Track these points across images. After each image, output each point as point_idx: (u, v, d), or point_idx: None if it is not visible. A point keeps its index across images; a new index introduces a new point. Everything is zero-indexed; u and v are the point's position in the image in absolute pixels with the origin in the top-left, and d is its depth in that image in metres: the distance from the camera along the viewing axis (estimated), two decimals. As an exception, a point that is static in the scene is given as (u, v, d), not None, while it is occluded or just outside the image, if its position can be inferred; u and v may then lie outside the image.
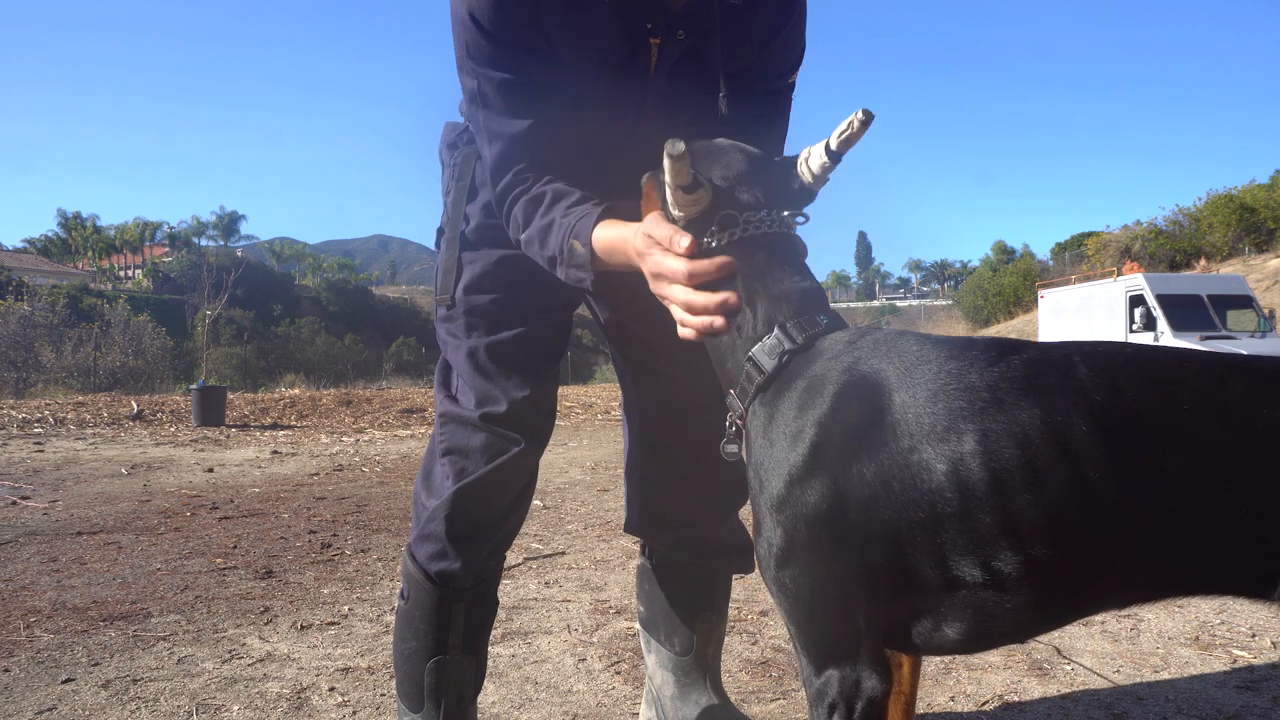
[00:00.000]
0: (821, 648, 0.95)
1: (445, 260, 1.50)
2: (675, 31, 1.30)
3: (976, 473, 0.85)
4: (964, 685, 2.02)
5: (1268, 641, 2.32)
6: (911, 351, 0.96)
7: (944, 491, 0.87)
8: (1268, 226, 27.47)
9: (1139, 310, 14.61)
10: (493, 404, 1.43)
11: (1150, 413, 0.84)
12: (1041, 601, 0.88)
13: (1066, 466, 0.84)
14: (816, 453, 0.94)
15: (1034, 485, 0.84)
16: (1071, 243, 38.97)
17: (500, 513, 1.48)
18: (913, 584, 0.91)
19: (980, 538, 0.86)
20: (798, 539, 0.94)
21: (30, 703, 1.95)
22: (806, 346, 1.03)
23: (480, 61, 1.26)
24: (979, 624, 0.90)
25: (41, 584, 2.97)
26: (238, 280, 24.16)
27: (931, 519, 0.88)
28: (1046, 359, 0.91)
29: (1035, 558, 0.85)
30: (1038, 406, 0.86)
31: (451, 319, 1.48)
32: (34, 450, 7.38)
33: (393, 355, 35.30)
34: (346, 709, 1.93)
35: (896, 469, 0.89)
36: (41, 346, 19.04)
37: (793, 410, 0.99)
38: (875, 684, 0.93)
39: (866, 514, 0.90)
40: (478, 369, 1.45)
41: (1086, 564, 0.86)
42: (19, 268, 42.37)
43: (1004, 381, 0.89)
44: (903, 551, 0.89)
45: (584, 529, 3.99)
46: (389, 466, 6.54)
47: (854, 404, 0.94)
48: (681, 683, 1.71)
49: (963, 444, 0.87)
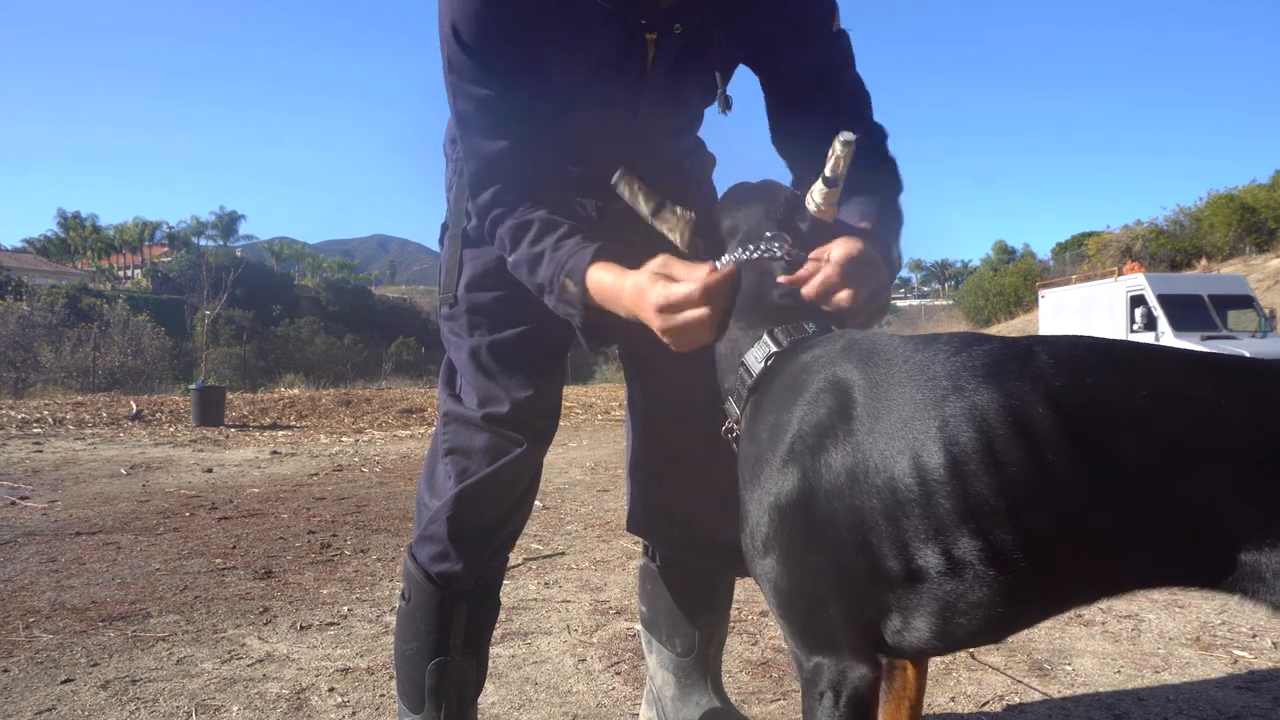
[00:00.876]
0: (806, 636, 0.98)
1: (448, 257, 1.49)
2: (672, 25, 1.28)
3: (935, 458, 0.87)
4: (964, 686, 2.02)
5: (1269, 642, 2.31)
6: (884, 348, 0.99)
7: (904, 479, 0.88)
8: (1268, 226, 27.48)
9: (1140, 310, 14.61)
10: (495, 404, 1.42)
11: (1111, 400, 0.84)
12: (1007, 594, 0.88)
13: (1025, 450, 0.84)
14: (790, 446, 0.98)
15: (993, 468, 0.85)
16: (1072, 242, 38.99)
17: (503, 514, 1.47)
18: (880, 577, 0.92)
19: (939, 525, 0.87)
20: (774, 530, 0.98)
21: (29, 703, 1.94)
22: (791, 350, 1.09)
23: (462, 77, 1.25)
24: (946, 620, 0.91)
25: (40, 584, 2.97)
26: (237, 280, 24.18)
27: (893, 507, 0.89)
28: (1010, 349, 0.92)
29: (996, 544, 0.85)
30: (997, 392, 0.87)
31: (454, 317, 1.47)
32: (33, 450, 7.37)
33: (392, 355, 35.28)
34: (346, 709, 1.92)
35: (860, 460, 0.92)
36: (40, 346, 19.02)
37: (772, 407, 1.05)
38: (862, 672, 0.95)
39: (833, 505, 0.93)
40: (480, 368, 1.44)
41: (1052, 552, 0.86)
42: (18, 267, 42.37)
43: (965, 370, 0.90)
44: (868, 543, 0.91)
45: (584, 529, 3.98)
46: (388, 467, 6.54)
47: (825, 399, 0.97)
48: (682, 683, 1.70)
49: (923, 431, 0.88)
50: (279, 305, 43.33)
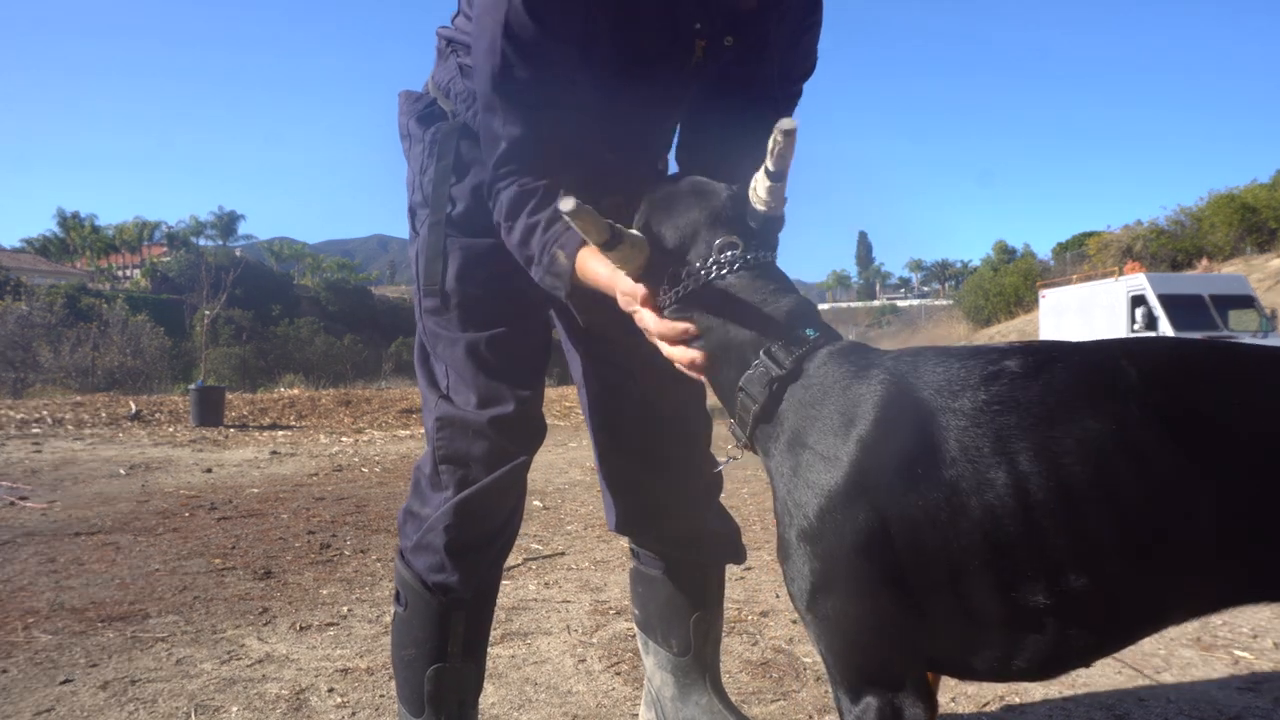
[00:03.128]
0: (861, 675, 0.92)
1: (429, 245, 1.40)
2: (724, 37, 1.28)
3: (1041, 490, 0.84)
4: (965, 686, 2.01)
5: (1270, 642, 2.31)
6: (940, 367, 0.94)
7: (1007, 512, 0.84)
8: (1269, 226, 27.45)
9: (1140, 310, 14.59)
10: (499, 404, 1.38)
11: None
12: (1113, 619, 0.85)
13: (1132, 474, 0.82)
14: (855, 481, 0.90)
15: (1101, 496, 0.82)
16: (1073, 242, 38.94)
17: (500, 521, 1.45)
18: (978, 613, 0.87)
19: (1046, 559, 0.83)
20: (839, 570, 0.90)
21: (29, 704, 1.94)
22: (796, 370, 1.02)
23: (505, 63, 1.21)
24: (1047, 649, 0.87)
25: (39, 585, 2.96)
26: (236, 280, 24.11)
27: (994, 542, 0.84)
28: (1093, 364, 0.90)
29: (1106, 572, 0.82)
30: (1096, 416, 0.85)
31: (442, 310, 1.40)
32: (32, 450, 7.36)
33: (392, 355, 35.22)
34: (345, 710, 1.92)
35: (952, 493, 0.86)
36: (39, 346, 19.00)
37: (816, 439, 0.96)
38: (918, 712, 0.90)
39: (919, 542, 0.87)
40: (480, 365, 1.39)
41: (1153, 577, 0.83)
42: (17, 267, 42.31)
43: (1055, 392, 0.87)
44: (964, 580, 0.86)
45: (584, 529, 3.98)
46: (388, 467, 6.53)
47: (891, 428, 0.91)
48: (681, 683, 1.70)
49: (1026, 460, 0.84)
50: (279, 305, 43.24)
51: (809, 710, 1.91)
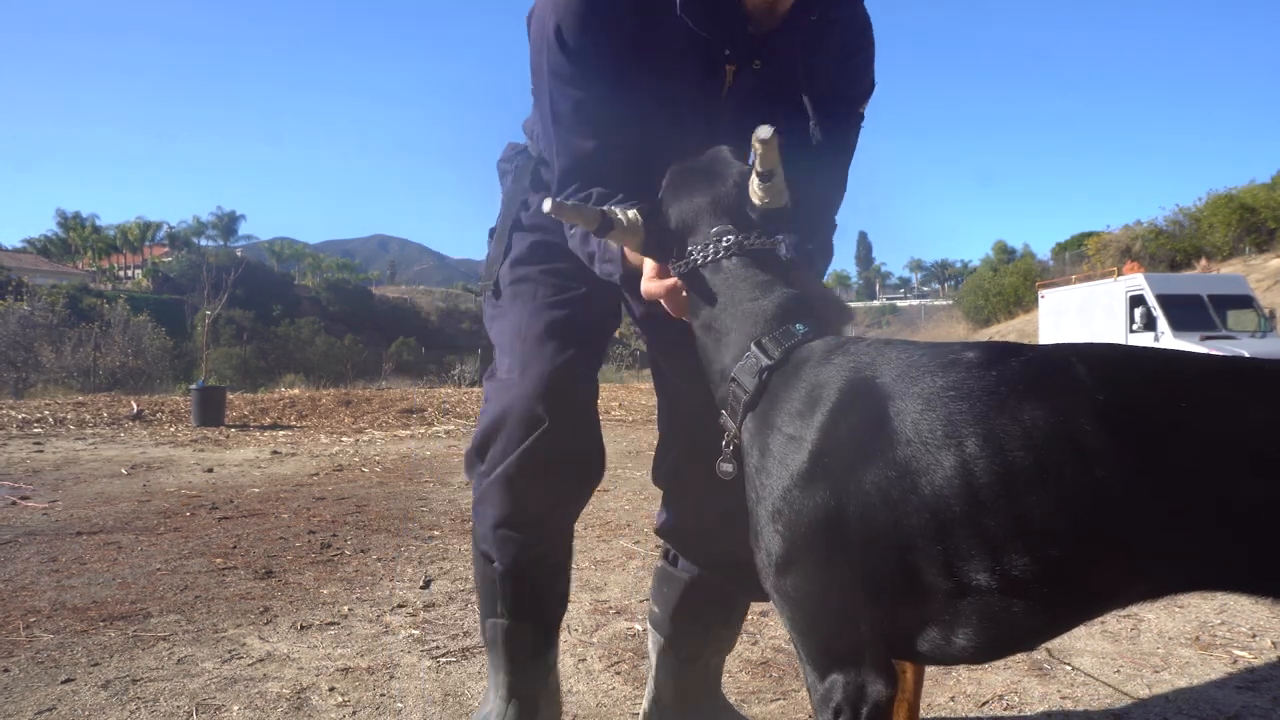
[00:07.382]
0: (825, 653, 0.95)
1: (497, 243, 1.58)
2: (751, 61, 1.34)
3: (986, 473, 0.87)
4: (964, 685, 2.02)
5: (1268, 641, 2.32)
6: (902, 358, 0.98)
7: (954, 494, 0.87)
8: (1268, 226, 27.46)
9: (1139, 310, 14.60)
10: (535, 366, 1.44)
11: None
12: (1054, 601, 0.88)
13: (1075, 463, 0.84)
14: (815, 461, 0.94)
15: (1043, 482, 0.84)
16: (1072, 243, 38.93)
17: (543, 508, 1.51)
18: (923, 591, 0.90)
19: (989, 539, 0.86)
20: (799, 546, 0.94)
21: (30, 703, 1.94)
22: (788, 359, 1.06)
23: (559, 78, 1.30)
24: (989, 629, 0.89)
25: (41, 584, 2.97)
26: (237, 280, 24.16)
27: (941, 522, 0.87)
28: (1047, 361, 0.92)
29: (1046, 556, 0.85)
30: (1044, 406, 0.87)
31: (497, 294, 1.55)
32: (33, 450, 7.37)
33: (392, 355, 35.28)
34: (346, 709, 1.92)
35: (903, 474, 0.89)
36: (41, 346, 19.03)
37: (785, 421, 1.00)
38: (880, 689, 0.93)
39: (871, 520, 0.90)
40: (524, 336, 1.46)
41: (1093, 561, 0.86)
42: (18, 267, 42.38)
43: (1006, 383, 0.90)
44: (911, 558, 0.89)
45: (584, 529, 3.98)
46: (388, 467, 6.54)
47: (851, 412, 0.95)
48: (681, 685, 1.70)
49: (973, 445, 0.87)
50: (279, 305, 43.31)
51: (809, 710, 1.91)
